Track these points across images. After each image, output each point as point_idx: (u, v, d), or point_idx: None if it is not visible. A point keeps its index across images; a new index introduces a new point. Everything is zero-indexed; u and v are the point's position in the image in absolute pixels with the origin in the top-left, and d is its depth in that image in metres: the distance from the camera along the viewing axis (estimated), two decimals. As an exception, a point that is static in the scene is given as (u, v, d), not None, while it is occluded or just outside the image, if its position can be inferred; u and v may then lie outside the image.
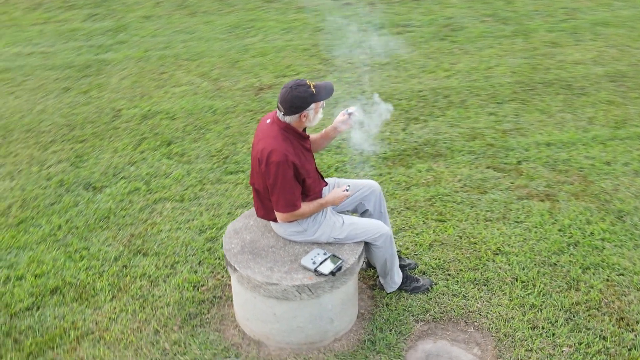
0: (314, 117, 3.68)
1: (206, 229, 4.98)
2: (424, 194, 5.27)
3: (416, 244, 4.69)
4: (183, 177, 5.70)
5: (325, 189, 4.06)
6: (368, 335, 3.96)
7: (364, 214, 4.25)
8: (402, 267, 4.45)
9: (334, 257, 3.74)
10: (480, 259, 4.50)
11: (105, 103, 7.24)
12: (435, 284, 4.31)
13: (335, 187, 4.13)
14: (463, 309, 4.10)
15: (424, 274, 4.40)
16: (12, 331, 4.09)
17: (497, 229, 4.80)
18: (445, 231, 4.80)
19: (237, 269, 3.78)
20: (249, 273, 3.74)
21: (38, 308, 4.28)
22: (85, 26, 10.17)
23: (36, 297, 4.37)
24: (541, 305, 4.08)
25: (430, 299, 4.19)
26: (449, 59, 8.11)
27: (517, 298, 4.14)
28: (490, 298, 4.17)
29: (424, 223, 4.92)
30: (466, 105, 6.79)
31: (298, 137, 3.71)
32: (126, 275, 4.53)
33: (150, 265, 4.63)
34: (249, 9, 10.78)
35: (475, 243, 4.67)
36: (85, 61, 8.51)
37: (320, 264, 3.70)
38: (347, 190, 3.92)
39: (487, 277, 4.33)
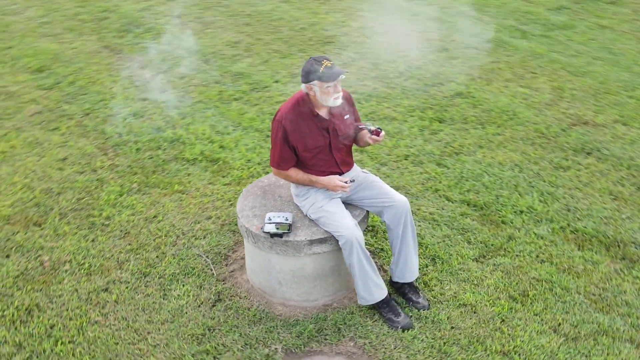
0: (321, 96, 3.95)
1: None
2: (542, 272, 4.64)
3: (455, 297, 4.36)
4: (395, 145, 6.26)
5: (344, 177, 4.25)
6: (302, 318, 4.23)
7: (385, 225, 4.25)
8: (410, 300, 4.36)
9: (288, 226, 4.03)
10: (479, 345, 4.01)
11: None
12: (412, 329, 4.09)
13: (362, 182, 4.28)
14: (394, 360, 3.89)
15: (417, 319, 4.16)
16: (158, 167, 5.84)
17: (548, 341, 4.05)
18: (496, 307, 4.31)
19: (240, 197, 4.42)
20: (240, 201, 4.37)
21: (191, 164, 5.90)
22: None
23: (200, 157, 6.01)
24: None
25: (385, 334, 4.11)
26: None
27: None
28: (427, 373, 3.80)
29: (495, 289, 4.47)
30: None
31: (310, 112, 4.05)
32: (257, 178, 5.51)
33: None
34: None
35: (502, 332, 4.11)
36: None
37: (273, 224, 4.06)
38: (347, 183, 4.07)
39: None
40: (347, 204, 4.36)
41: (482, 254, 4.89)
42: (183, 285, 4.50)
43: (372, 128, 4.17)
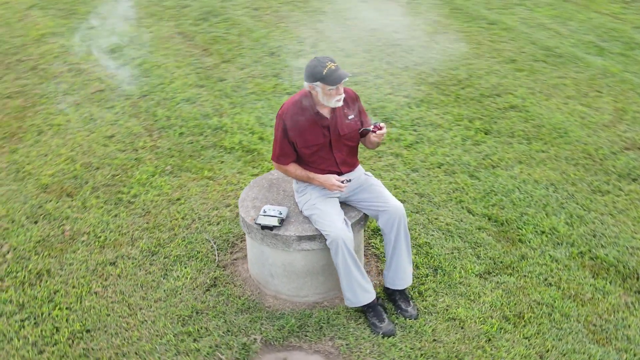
0: (322, 97, 3.97)
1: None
2: (545, 296, 4.48)
3: (447, 310, 4.30)
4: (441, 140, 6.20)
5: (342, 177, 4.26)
6: (289, 312, 4.32)
7: (380, 230, 4.24)
8: (399, 308, 4.35)
9: (280, 220, 4.10)
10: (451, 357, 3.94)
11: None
12: (393, 337, 4.07)
13: (362, 184, 4.29)
14: (365, 364, 3.90)
15: (402, 327, 4.13)
16: (195, 153, 6.14)
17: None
18: (485, 325, 4.21)
19: (246, 187, 4.54)
20: (244, 191, 4.51)
21: (227, 152, 6.11)
22: None
23: (237, 146, 6.21)
24: None
25: (364, 338, 4.12)
26: None
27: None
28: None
29: (490, 307, 4.36)
30: None
31: (311, 109, 4.09)
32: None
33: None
34: None
35: (484, 351, 4.02)
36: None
37: (267, 216, 4.14)
38: (343, 183, 4.09)
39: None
40: (346, 205, 4.39)
41: (488, 270, 4.77)
42: (184, 268, 4.67)
43: (371, 128, 4.17)
